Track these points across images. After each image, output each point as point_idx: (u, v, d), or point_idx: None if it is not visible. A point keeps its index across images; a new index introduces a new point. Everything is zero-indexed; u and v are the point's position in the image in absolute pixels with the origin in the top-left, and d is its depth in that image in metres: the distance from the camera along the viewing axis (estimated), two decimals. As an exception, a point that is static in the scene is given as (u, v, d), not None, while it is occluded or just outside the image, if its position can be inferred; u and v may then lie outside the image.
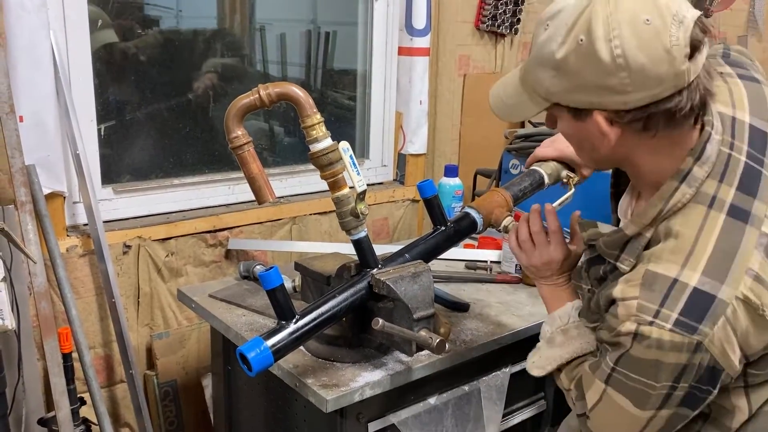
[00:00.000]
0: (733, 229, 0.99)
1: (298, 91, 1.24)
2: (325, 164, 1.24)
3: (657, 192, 1.04)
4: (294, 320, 1.21)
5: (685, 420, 1.03)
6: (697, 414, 1.04)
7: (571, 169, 1.53)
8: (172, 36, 2.05)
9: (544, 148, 1.55)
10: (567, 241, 1.33)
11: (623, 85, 0.94)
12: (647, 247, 1.05)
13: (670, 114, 0.96)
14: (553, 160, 1.54)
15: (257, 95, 1.23)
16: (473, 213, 1.45)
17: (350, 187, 1.28)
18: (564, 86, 1.00)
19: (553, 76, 1.01)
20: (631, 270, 1.04)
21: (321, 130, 1.23)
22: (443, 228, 1.45)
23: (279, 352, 1.18)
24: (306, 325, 1.22)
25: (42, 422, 1.73)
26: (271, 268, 1.19)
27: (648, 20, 0.92)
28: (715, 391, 1.00)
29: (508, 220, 1.44)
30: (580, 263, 1.28)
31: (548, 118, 1.12)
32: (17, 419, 1.71)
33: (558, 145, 1.52)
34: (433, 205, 1.45)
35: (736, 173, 1.02)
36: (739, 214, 0.99)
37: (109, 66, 1.90)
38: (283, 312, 1.20)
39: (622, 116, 0.98)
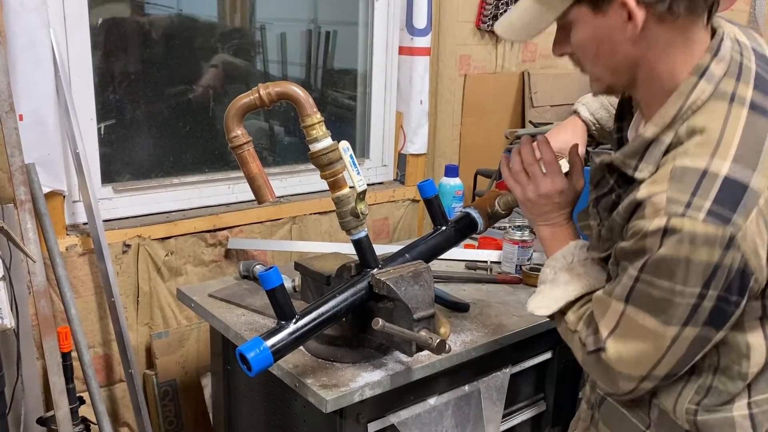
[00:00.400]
0: (757, 122, 0.97)
1: (298, 91, 1.23)
2: (325, 164, 1.24)
3: (675, 91, 1.01)
4: (294, 320, 1.20)
5: (707, 345, 1.00)
6: (707, 365, 1.03)
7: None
8: (173, 32, 2.04)
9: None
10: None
11: None
12: (667, 153, 1.01)
13: None
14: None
15: (257, 94, 1.23)
16: (473, 213, 1.45)
17: (350, 187, 1.28)
18: None
19: None
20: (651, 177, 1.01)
21: (321, 130, 1.23)
22: (443, 228, 1.45)
23: (278, 352, 1.17)
24: (306, 325, 1.21)
25: (41, 421, 1.73)
26: (271, 267, 1.19)
27: None
28: (743, 304, 0.97)
29: (504, 198, 1.42)
30: (588, 202, 1.22)
31: (557, 40, 1.10)
32: (16, 418, 1.71)
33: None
34: (433, 205, 1.45)
35: (750, 75, 1.01)
36: (760, 110, 0.98)
37: (109, 65, 1.90)
38: (283, 312, 1.20)
39: None
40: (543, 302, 1.20)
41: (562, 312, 1.17)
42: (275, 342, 1.17)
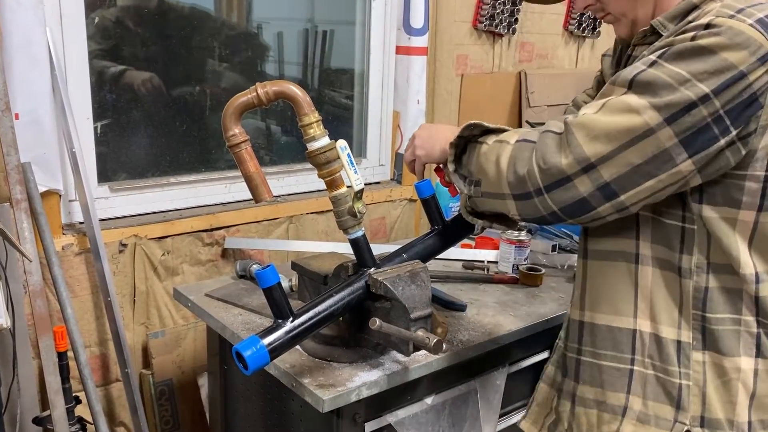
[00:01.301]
0: None
1: (296, 90, 1.23)
2: (323, 163, 1.24)
3: None
4: (290, 319, 1.20)
5: (664, 173, 0.94)
6: (701, 260, 1.01)
7: None
8: (171, 31, 2.04)
9: None
10: None
11: None
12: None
13: None
14: None
15: (255, 93, 1.23)
16: None
17: (348, 186, 1.28)
18: None
19: None
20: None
21: (318, 129, 1.23)
22: (441, 228, 1.45)
23: (275, 350, 1.17)
24: (303, 324, 1.21)
25: (37, 421, 1.72)
26: (268, 266, 1.19)
27: None
28: (731, 134, 0.92)
29: None
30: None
31: None
32: (12, 418, 1.70)
33: None
34: (430, 205, 1.45)
35: None
36: None
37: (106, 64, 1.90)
38: (280, 311, 1.20)
39: None
40: (464, 131, 1.14)
41: (477, 140, 1.12)
42: (272, 340, 1.16)
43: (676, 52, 0.93)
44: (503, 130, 1.13)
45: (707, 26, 0.92)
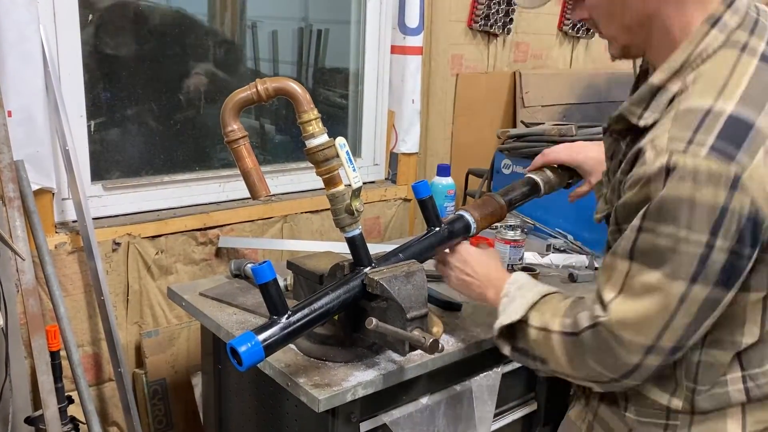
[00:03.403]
0: (766, 72, 0.96)
1: (296, 87, 1.23)
2: (321, 160, 1.24)
3: (686, 39, 1.00)
4: (286, 315, 1.19)
5: (717, 308, 0.95)
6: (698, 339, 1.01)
7: (578, 176, 1.55)
8: (164, 30, 2.03)
9: (556, 152, 1.56)
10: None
11: None
12: (672, 102, 1.00)
13: None
14: (561, 164, 1.55)
15: (255, 90, 1.22)
16: (467, 216, 1.45)
17: (346, 185, 1.28)
18: None
19: None
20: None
21: (317, 126, 1.23)
22: (437, 229, 1.44)
23: (270, 347, 1.16)
24: (298, 320, 1.20)
25: (29, 421, 1.71)
26: (264, 262, 1.19)
27: None
28: (755, 253, 0.92)
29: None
30: (603, 174, 1.22)
31: (574, 5, 1.11)
32: (4, 418, 1.69)
33: (570, 151, 1.53)
34: (427, 206, 1.45)
35: (765, 31, 1.00)
36: None
37: (99, 62, 1.89)
38: (276, 307, 1.19)
39: None
40: (505, 318, 1.20)
41: (528, 323, 1.15)
42: (267, 336, 1.16)
43: (656, 210, 0.93)
44: (534, 303, 1.17)
45: (668, 170, 0.91)
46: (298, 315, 1.21)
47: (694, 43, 0.99)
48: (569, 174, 1.59)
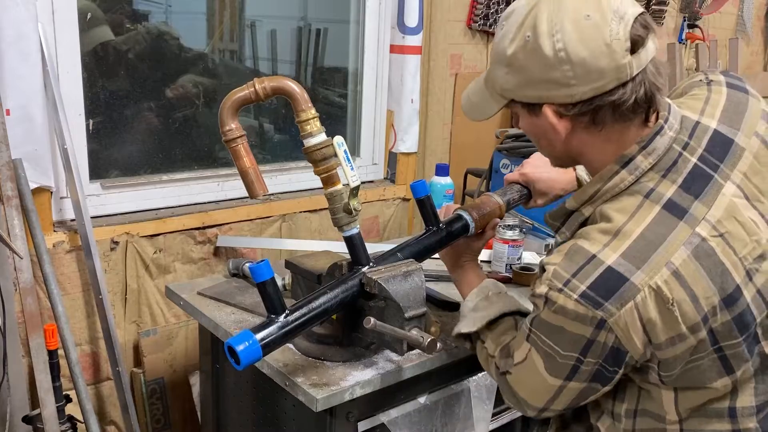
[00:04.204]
0: (665, 222, 1.00)
1: (294, 86, 1.23)
2: (319, 159, 1.24)
3: (597, 174, 1.08)
4: (284, 314, 1.19)
5: (598, 393, 1.08)
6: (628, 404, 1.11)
7: (529, 195, 1.58)
8: (162, 32, 2.03)
9: (514, 173, 1.62)
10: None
11: (567, 78, 0.99)
12: (583, 225, 1.09)
13: (615, 106, 1.00)
14: (516, 182, 1.59)
15: (253, 89, 1.23)
16: (466, 215, 1.45)
17: (344, 185, 1.28)
18: (515, 82, 1.05)
19: (506, 73, 1.06)
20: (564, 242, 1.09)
21: (315, 125, 1.23)
22: (435, 229, 1.44)
23: (268, 346, 1.16)
24: (296, 320, 1.20)
25: (27, 420, 1.71)
26: (262, 261, 1.18)
27: (589, 16, 0.98)
28: (621, 371, 1.04)
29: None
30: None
31: (512, 116, 1.18)
32: (1, 416, 1.69)
33: (523, 169, 1.58)
34: (425, 205, 1.44)
35: (681, 172, 1.03)
36: (674, 210, 1.01)
37: (99, 62, 1.88)
38: (273, 306, 1.19)
39: (570, 109, 1.02)
40: (467, 323, 1.30)
41: (481, 339, 1.28)
42: (265, 335, 1.15)
43: (538, 324, 1.06)
44: (492, 320, 1.29)
45: (546, 300, 1.02)
46: (296, 314, 1.20)
47: (602, 182, 1.07)
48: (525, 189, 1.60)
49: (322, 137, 1.24)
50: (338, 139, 1.24)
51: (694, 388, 1.05)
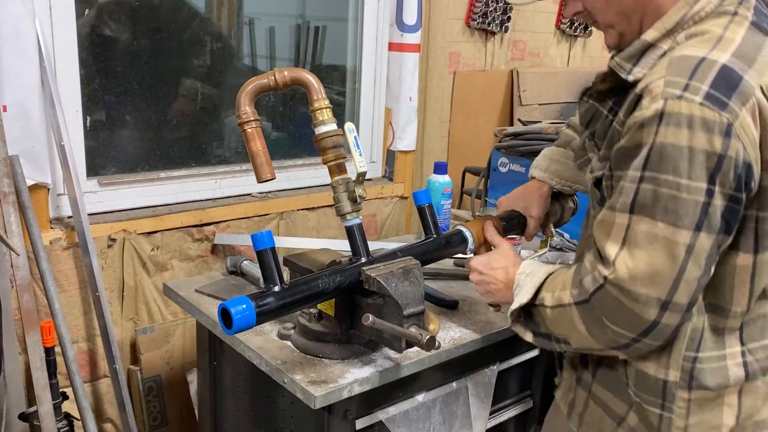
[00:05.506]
0: (756, 36, 1.00)
1: (310, 77, 1.30)
2: (329, 147, 1.29)
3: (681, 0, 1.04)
4: (281, 286, 1.18)
5: (719, 250, 0.97)
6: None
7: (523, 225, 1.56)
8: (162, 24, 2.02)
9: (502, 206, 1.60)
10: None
11: None
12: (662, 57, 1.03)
13: None
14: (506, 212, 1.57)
15: (272, 77, 1.29)
16: (465, 231, 1.47)
17: (348, 179, 1.31)
18: None
19: None
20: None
21: (328, 114, 1.29)
22: (435, 237, 1.46)
23: (263, 314, 1.15)
24: (294, 293, 1.19)
25: (23, 417, 1.70)
26: (266, 231, 1.20)
27: None
28: (746, 198, 0.96)
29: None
30: (581, 141, 1.24)
31: (567, 1, 1.14)
32: (-2, 414, 1.68)
33: (508, 201, 1.58)
34: (425, 213, 1.47)
35: (750, 4, 1.04)
36: (759, 28, 1.02)
37: (96, 57, 1.88)
38: (272, 276, 1.18)
39: None
40: (515, 302, 1.20)
41: (539, 306, 1.15)
42: (261, 303, 1.14)
43: (656, 158, 0.95)
44: (541, 284, 1.16)
45: (662, 115, 0.93)
46: (294, 288, 1.20)
47: (690, 5, 1.03)
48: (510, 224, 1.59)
49: (333, 126, 1.29)
50: (349, 125, 1.30)
51: None
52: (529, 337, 1.21)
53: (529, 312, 1.19)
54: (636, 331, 1.01)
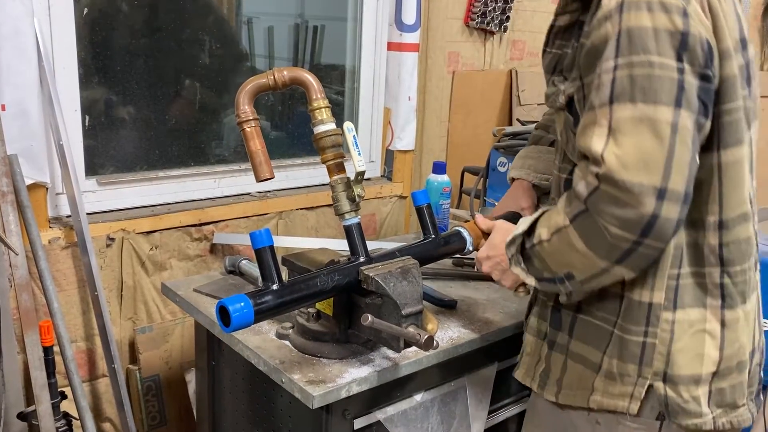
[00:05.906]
0: None
1: (309, 77, 1.31)
2: (328, 146, 1.29)
3: None
4: (279, 284, 1.18)
5: (701, 136, 0.99)
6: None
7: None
8: (160, 23, 2.02)
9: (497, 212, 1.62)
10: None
11: None
12: None
13: None
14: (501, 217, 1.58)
15: (272, 77, 1.29)
16: (464, 232, 1.47)
17: (347, 178, 1.31)
18: None
19: None
20: None
21: (327, 114, 1.29)
22: (433, 238, 1.46)
23: (261, 312, 1.14)
24: (292, 292, 1.19)
25: (22, 416, 1.70)
26: (264, 229, 1.20)
27: None
28: (717, 77, 0.99)
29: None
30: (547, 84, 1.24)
31: None
32: (-4, 413, 1.68)
33: (499, 206, 1.62)
34: (424, 213, 1.47)
35: None
36: None
37: (94, 56, 1.88)
38: (270, 274, 1.18)
39: None
40: (517, 229, 1.19)
41: (537, 243, 1.13)
42: (259, 301, 1.14)
43: (625, 42, 0.97)
44: (533, 225, 1.16)
45: (622, 4, 0.97)
46: (292, 287, 1.20)
47: None
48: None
49: (332, 125, 1.29)
50: (348, 125, 1.30)
51: (733, 144, 1.04)
52: (531, 281, 1.18)
53: (528, 256, 1.17)
54: (636, 229, 0.97)
